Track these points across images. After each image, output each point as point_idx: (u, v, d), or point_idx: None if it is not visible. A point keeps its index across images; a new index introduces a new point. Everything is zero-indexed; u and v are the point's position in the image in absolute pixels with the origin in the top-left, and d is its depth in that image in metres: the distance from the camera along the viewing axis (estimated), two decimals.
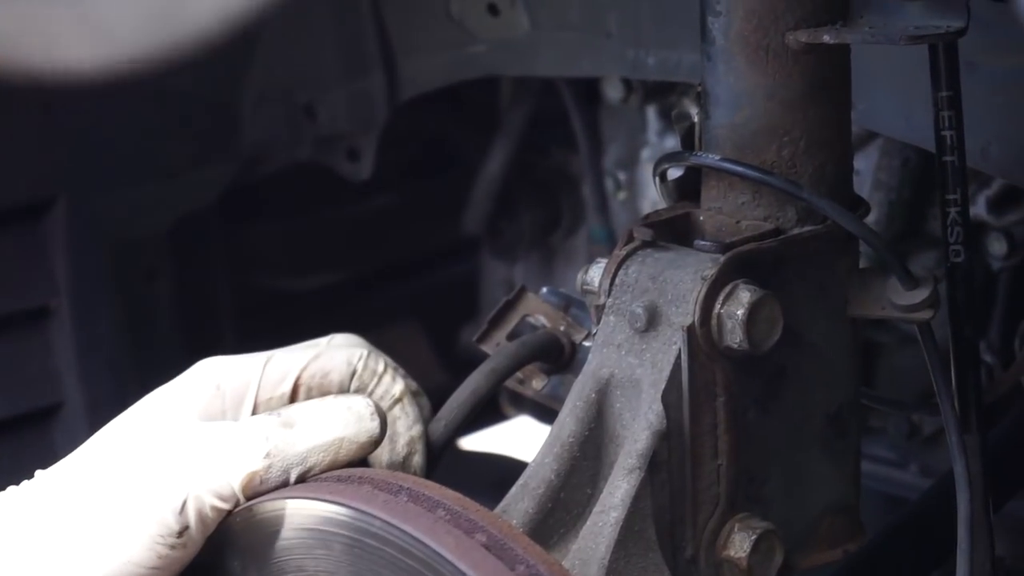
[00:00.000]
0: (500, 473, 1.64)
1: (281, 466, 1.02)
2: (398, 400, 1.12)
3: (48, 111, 1.81)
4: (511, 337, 1.22)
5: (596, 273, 1.14)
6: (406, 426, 1.12)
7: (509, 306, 1.24)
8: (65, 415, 1.90)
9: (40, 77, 0.96)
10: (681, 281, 1.08)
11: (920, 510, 1.40)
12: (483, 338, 1.23)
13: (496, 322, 1.23)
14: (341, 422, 1.04)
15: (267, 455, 1.02)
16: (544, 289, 1.32)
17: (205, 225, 2.04)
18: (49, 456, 1.87)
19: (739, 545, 1.10)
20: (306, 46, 1.96)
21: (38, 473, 1.09)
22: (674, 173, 1.19)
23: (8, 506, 1.05)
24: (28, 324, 1.86)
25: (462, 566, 0.93)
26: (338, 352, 1.11)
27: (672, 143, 1.97)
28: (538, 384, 1.19)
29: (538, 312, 1.23)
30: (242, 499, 1.01)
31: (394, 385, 1.12)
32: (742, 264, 1.08)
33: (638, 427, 1.07)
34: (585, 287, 1.15)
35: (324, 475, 1.03)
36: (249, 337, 2.08)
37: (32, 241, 1.84)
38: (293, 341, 1.17)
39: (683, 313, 1.07)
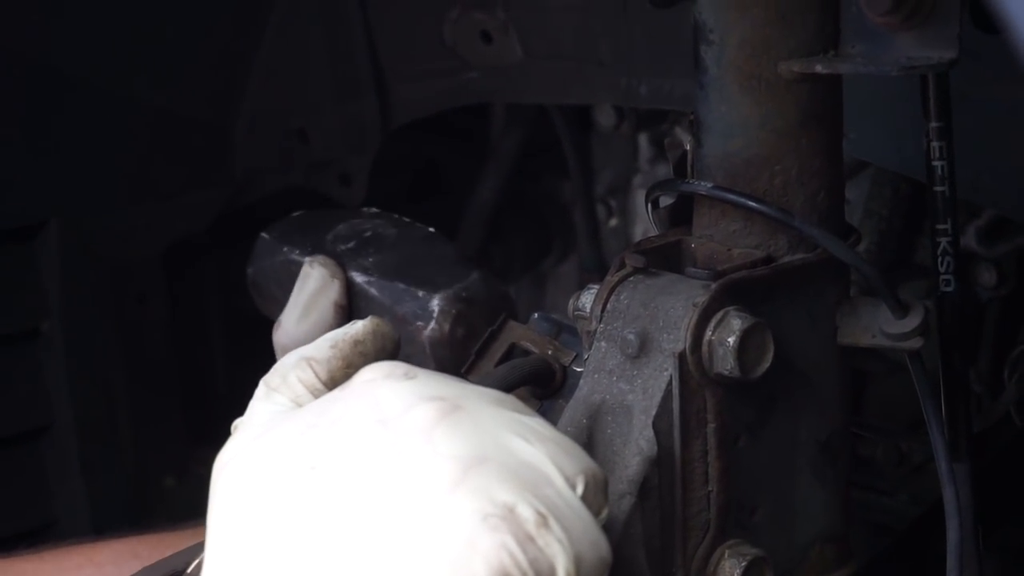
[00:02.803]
0: None
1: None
2: None
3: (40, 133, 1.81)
4: (500, 365, 1.22)
5: (588, 299, 1.14)
6: None
7: (493, 336, 1.24)
8: (55, 435, 1.90)
9: None
10: (672, 308, 1.08)
11: (909, 538, 1.40)
12: (470, 369, 1.23)
13: (482, 352, 1.24)
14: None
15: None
16: (535, 315, 1.33)
17: (197, 248, 2.05)
18: (38, 476, 1.88)
19: (729, 572, 1.10)
20: (299, 71, 1.96)
21: None
22: (666, 201, 1.20)
23: None
24: (19, 345, 1.86)
25: None
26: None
27: (663, 171, 1.98)
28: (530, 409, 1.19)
29: (523, 340, 1.24)
30: None
31: None
32: (733, 291, 1.08)
33: (629, 453, 1.07)
34: (577, 313, 1.16)
35: None
36: (240, 360, 2.09)
37: (24, 263, 1.85)
38: None
39: (674, 340, 1.07)
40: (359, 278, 1.46)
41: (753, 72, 1.11)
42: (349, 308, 1.46)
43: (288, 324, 1.47)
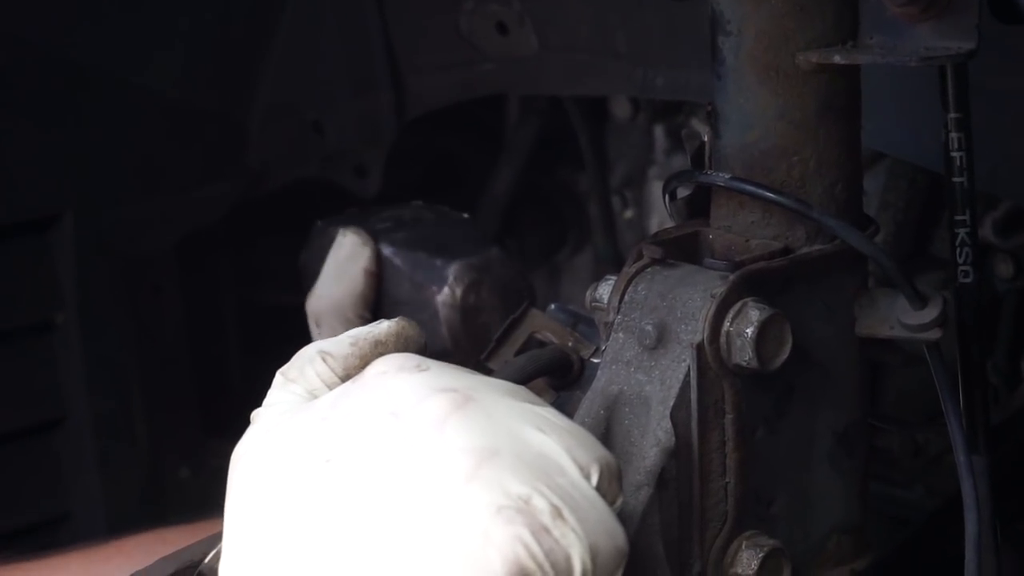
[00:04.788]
0: None
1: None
2: None
3: (55, 126, 1.81)
4: (519, 354, 1.22)
5: (605, 290, 1.14)
6: None
7: (515, 324, 1.24)
8: (69, 428, 1.90)
9: None
10: (690, 299, 1.08)
11: (926, 530, 1.40)
12: (490, 356, 1.23)
13: (503, 340, 1.24)
14: None
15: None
16: (552, 306, 1.32)
17: (212, 240, 2.05)
18: (52, 469, 1.89)
19: (746, 563, 1.10)
20: (314, 63, 1.96)
21: None
22: (683, 192, 1.20)
23: None
24: (34, 338, 1.86)
25: None
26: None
27: (679, 162, 1.97)
28: (546, 400, 1.19)
29: (544, 329, 1.24)
30: None
31: None
32: (751, 282, 1.08)
33: (646, 444, 1.07)
34: (594, 304, 1.15)
35: None
36: (255, 352, 2.09)
37: (38, 255, 1.85)
38: None
39: (692, 331, 1.07)
40: (386, 250, 1.54)
41: (771, 63, 1.10)
42: (379, 278, 1.53)
43: (321, 289, 1.54)
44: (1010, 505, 1.40)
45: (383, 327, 1.08)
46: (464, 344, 1.50)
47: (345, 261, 1.54)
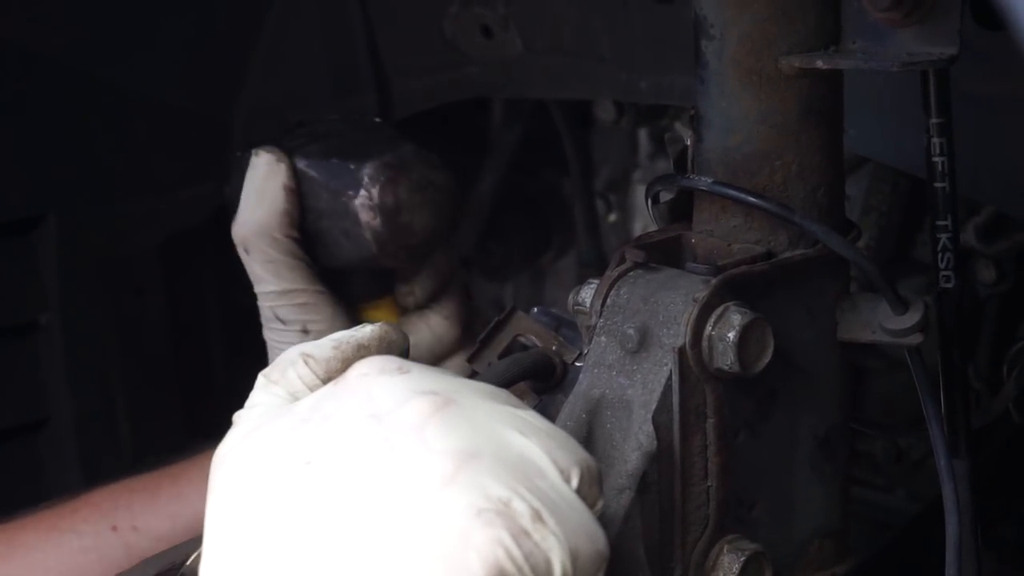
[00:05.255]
0: None
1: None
2: None
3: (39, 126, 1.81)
4: (503, 356, 1.22)
5: (588, 294, 1.14)
6: None
7: (500, 326, 1.24)
8: (52, 429, 1.89)
9: None
10: (672, 303, 1.08)
11: (908, 534, 1.40)
12: (474, 357, 1.23)
13: (487, 342, 1.24)
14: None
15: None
16: (535, 309, 1.33)
17: (195, 242, 2.04)
18: (35, 469, 1.88)
19: (728, 567, 1.10)
20: (298, 64, 1.96)
21: None
22: (666, 196, 1.20)
23: None
24: (17, 338, 1.86)
25: None
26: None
27: (663, 166, 1.98)
28: (528, 403, 1.19)
29: (529, 332, 1.23)
30: None
31: None
32: (733, 287, 1.08)
33: (628, 447, 1.07)
34: (577, 307, 1.15)
35: None
36: (238, 353, 2.08)
37: (22, 256, 1.84)
38: None
39: (674, 335, 1.07)
40: (301, 163, 1.50)
41: (754, 67, 1.11)
42: (298, 192, 1.49)
43: (243, 214, 1.50)
44: (991, 509, 1.40)
45: (366, 331, 1.08)
46: (389, 247, 1.47)
47: (263, 181, 1.50)
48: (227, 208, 1.57)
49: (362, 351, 1.06)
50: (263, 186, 1.49)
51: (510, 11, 1.78)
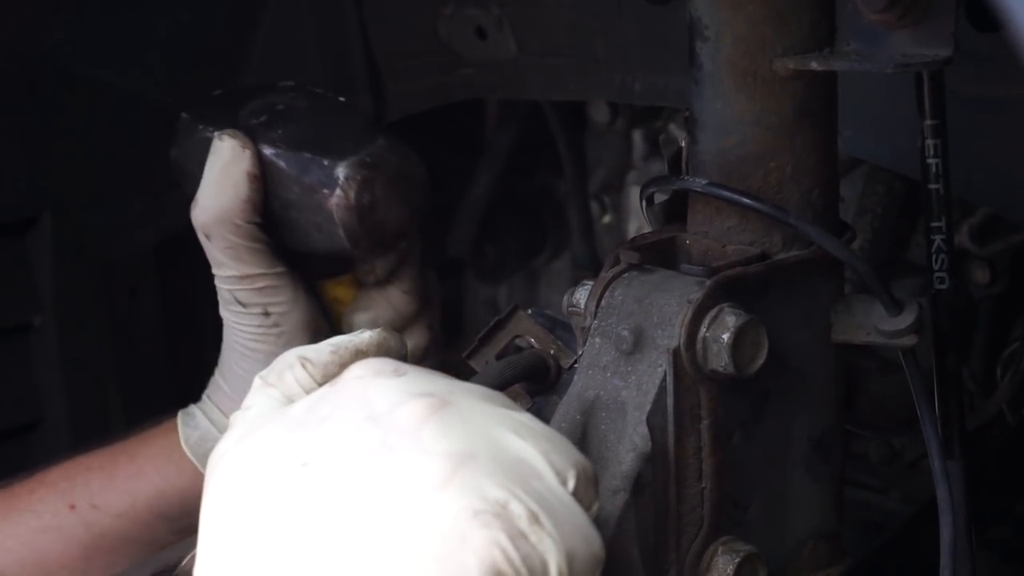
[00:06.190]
0: None
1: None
2: None
3: (34, 127, 1.81)
4: (501, 356, 1.22)
5: (583, 295, 1.14)
6: None
7: (500, 325, 1.24)
8: (45, 432, 1.89)
9: None
10: (667, 304, 1.08)
11: (902, 536, 1.40)
12: (472, 355, 1.23)
13: (486, 340, 1.24)
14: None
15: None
16: (530, 310, 1.32)
17: (190, 243, 2.04)
18: (29, 471, 1.88)
19: (722, 568, 1.10)
20: (293, 66, 1.96)
21: None
22: (660, 197, 1.20)
23: None
24: (11, 340, 1.86)
25: None
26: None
27: (657, 167, 1.97)
28: (523, 406, 1.19)
29: (529, 333, 1.23)
30: None
31: None
32: (728, 288, 1.08)
33: (623, 449, 1.07)
34: (571, 309, 1.16)
35: None
36: None
37: (16, 257, 1.84)
38: None
39: (669, 336, 1.07)
40: (267, 151, 1.47)
41: (748, 69, 1.11)
42: (263, 180, 1.47)
43: (205, 200, 1.47)
44: (985, 510, 1.40)
45: (364, 337, 1.08)
46: (363, 242, 1.46)
47: (226, 167, 1.46)
48: (173, 173, 1.55)
49: (360, 356, 1.06)
50: (226, 172, 1.46)
51: (504, 12, 1.78)
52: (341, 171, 1.44)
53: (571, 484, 0.96)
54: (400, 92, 1.93)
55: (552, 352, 1.20)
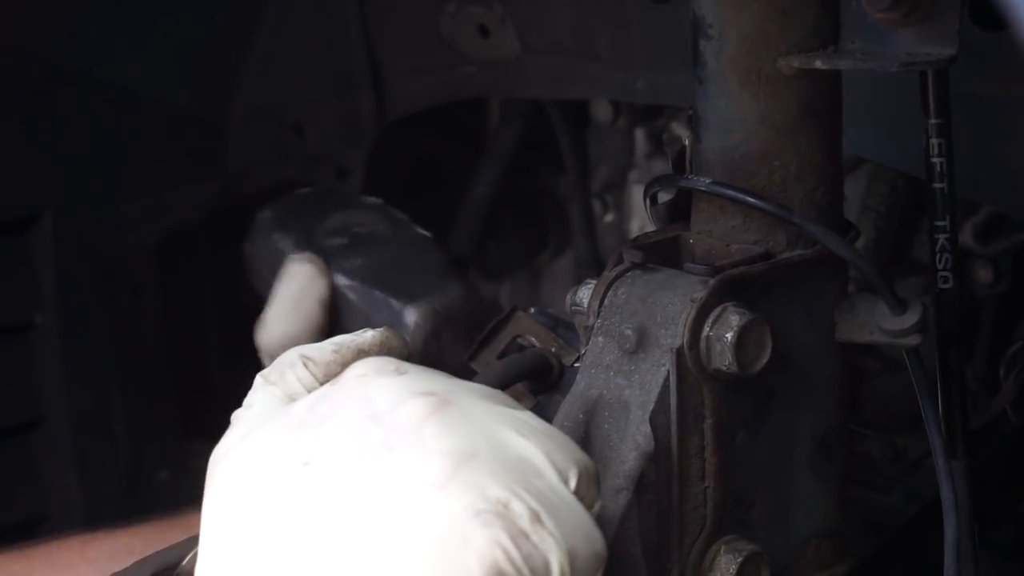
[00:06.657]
0: None
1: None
2: None
3: (35, 125, 1.81)
4: (502, 356, 1.22)
5: (586, 294, 1.14)
6: None
7: (500, 325, 1.24)
8: (47, 429, 1.89)
9: None
10: (670, 303, 1.08)
11: (906, 535, 1.40)
12: (473, 356, 1.23)
13: (487, 341, 1.24)
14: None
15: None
16: (532, 310, 1.32)
17: (192, 241, 2.04)
18: (29, 470, 1.88)
19: (725, 567, 1.10)
20: (295, 64, 1.96)
21: None
22: (664, 196, 1.20)
23: None
24: (12, 338, 1.86)
25: None
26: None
27: (660, 166, 1.97)
28: (526, 404, 1.19)
29: (529, 332, 1.23)
30: None
31: None
32: (731, 287, 1.08)
33: (626, 448, 1.07)
34: (574, 308, 1.15)
35: None
36: (234, 354, 2.08)
37: (18, 255, 1.84)
38: None
39: (672, 335, 1.07)
40: (341, 280, 1.45)
41: (752, 67, 1.10)
42: (333, 307, 1.45)
43: (273, 323, 1.46)
44: (989, 510, 1.40)
45: (367, 336, 1.08)
46: None
47: (299, 293, 1.45)
48: (245, 264, 1.54)
49: (362, 355, 1.06)
50: (298, 299, 1.45)
51: (507, 11, 1.78)
52: (411, 317, 1.42)
53: (573, 483, 0.96)
54: (402, 90, 1.93)
55: (554, 351, 1.20)
